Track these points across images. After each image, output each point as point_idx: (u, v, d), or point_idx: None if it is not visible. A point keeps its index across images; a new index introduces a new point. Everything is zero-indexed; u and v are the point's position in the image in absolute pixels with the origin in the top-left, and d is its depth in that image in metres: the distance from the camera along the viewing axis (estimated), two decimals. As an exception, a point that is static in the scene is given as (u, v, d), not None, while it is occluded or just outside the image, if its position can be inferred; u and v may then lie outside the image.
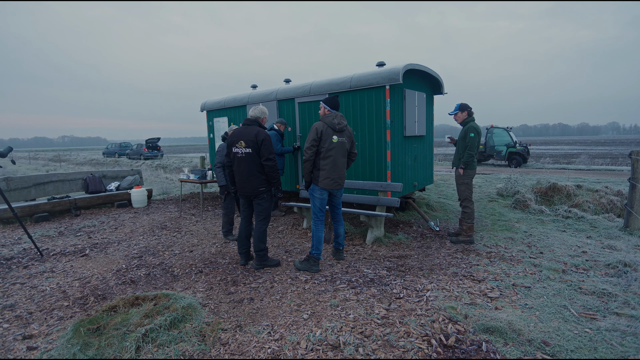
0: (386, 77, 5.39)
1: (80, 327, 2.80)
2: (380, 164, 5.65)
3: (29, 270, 4.31)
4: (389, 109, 5.45)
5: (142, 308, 3.06)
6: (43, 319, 3.14)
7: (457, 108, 4.97)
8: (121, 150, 33.75)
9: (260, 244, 4.06)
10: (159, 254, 4.76)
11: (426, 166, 6.94)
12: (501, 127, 16.85)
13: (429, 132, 6.94)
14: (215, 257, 4.56)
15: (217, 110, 8.46)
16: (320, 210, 4.08)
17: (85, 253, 4.88)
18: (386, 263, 4.19)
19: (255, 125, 4.07)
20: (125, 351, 2.52)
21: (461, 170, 4.84)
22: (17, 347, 2.73)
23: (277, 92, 7.03)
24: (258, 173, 3.97)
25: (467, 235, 4.85)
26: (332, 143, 3.92)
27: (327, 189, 4.00)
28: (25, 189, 7.29)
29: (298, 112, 6.70)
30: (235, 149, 4.03)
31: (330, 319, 2.95)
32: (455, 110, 4.99)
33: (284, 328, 2.86)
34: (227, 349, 2.62)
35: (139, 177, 9.02)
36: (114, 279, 3.97)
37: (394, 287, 3.51)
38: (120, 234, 5.83)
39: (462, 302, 3.18)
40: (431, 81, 6.86)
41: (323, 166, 3.94)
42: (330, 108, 4.03)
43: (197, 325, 2.87)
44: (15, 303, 3.46)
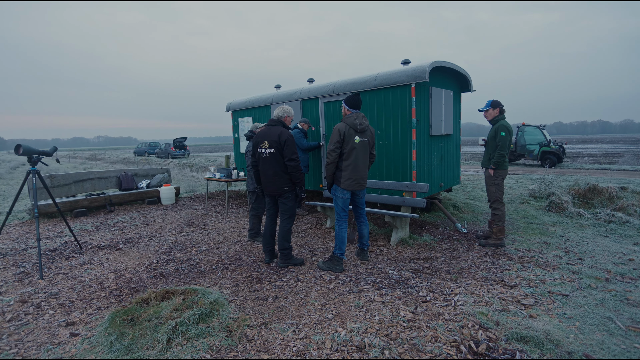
0: (412, 75, 5.31)
1: (116, 318, 2.93)
2: (405, 163, 5.57)
3: (70, 262, 4.56)
4: (414, 108, 5.37)
5: (172, 302, 3.16)
6: (83, 308, 3.32)
7: (489, 104, 4.81)
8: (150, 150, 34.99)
9: (285, 242, 4.11)
10: (186, 250, 4.91)
11: (453, 166, 6.78)
12: (533, 125, 16.17)
13: (456, 131, 6.77)
14: (240, 255, 4.65)
15: (242, 111, 8.61)
16: (343, 210, 4.07)
17: (119, 247, 5.10)
18: (411, 265, 4.14)
19: (279, 126, 4.11)
20: (157, 342, 2.61)
21: (491, 171, 4.69)
22: (61, 333, 2.90)
23: (301, 92, 7.07)
24: (282, 173, 4.01)
25: (497, 239, 4.69)
26: (354, 144, 3.90)
27: (349, 189, 3.99)
28: (66, 186, 7.70)
29: (323, 111, 6.71)
30: (260, 149, 4.09)
31: (355, 320, 2.95)
32: (486, 107, 4.84)
33: (308, 327, 2.88)
34: (253, 345, 2.66)
35: (167, 175, 9.32)
36: (145, 272, 4.13)
37: (420, 290, 3.45)
38: (150, 230, 6.05)
39: (493, 308, 3.08)
40: (458, 78, 6.69)
41: (345, 167, 3.93)
42: (350, 107, 4.01)
43: (224, 321, 2.94)
44: (59, 292, 3.67)
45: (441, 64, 5.60)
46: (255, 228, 5.18)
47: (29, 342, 2.79)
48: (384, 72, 5.74)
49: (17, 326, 3.02)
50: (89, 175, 8.21)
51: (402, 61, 5.78)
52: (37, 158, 4.52)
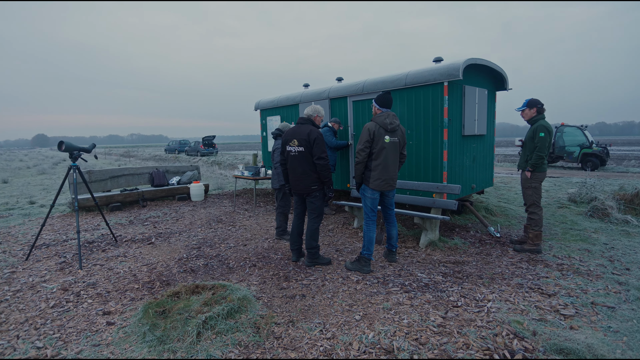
0: (444, 73, 5.16)
1: (148, 309, 3.02)
2: (436, 164, 5.43)
3: (106, 254, 4.76)
4: (446, 107, 5.22)
5: (202, 296, 3.22)
6: (118, 298, 3.45)
7: (525, 104, 4.60)
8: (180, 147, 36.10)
9: (312, 241, 4.10)
10: (215, 246, 5.00)
11: (486, 167, 6.55)
12: (573, 126, 15.34)
13: (489, 131, 6.53)
14: (267, 252, 4.69)
15: (270, 109, 8.69)
16: (371, 211, 4.01)
17: (152, 241, 5.27)
18: (441, 268, 4.02)
19: (308, 124, 4.11)
20: (187, 335, 2.67)
21: (528, 173, 4.49)
22: (98, 321, 3.03)
23: (330, 90, 7.05)
24: (311, 171, 4.01)
25: (533, 244, 4.47)
26: (384, 143, 3.83)
27: (378, 189, 3.93)
28: (102, 181, 8.06)
29: (352, 110, 6.66)
30: (289, 147, 4.10)
31: (383, 322, 2.89)
32: (522, 107, 4.63)
33: (335, 327, 2.86)
34: (280, 343, 2.67)
35: (197, 172, 9.56)
36: (176, 266, 4.24)
37: (451, 295, 3.35)
38: (180, 225, 6.22)
39: (530, 317, 2.93)
40: (494, 76, 6.44)
41: (374, 167, 3.87)
42: (380, 106, 3.94)
43: (252, 317, 2.97)
44: (96, 282, 3.84)
45: (476, 61, 5.41)
46: (282, 226, 5.21)
47: (70, 328, 2.92)
48: (415, 71, 5.61)
49: (60, 312, 3.18)
50: (124, 171, 8.55)
51: (434, 59, 5.63)
52: (78, 154, 4.74)
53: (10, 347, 2.68)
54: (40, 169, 18.84)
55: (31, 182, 13.56)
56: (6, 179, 13.87)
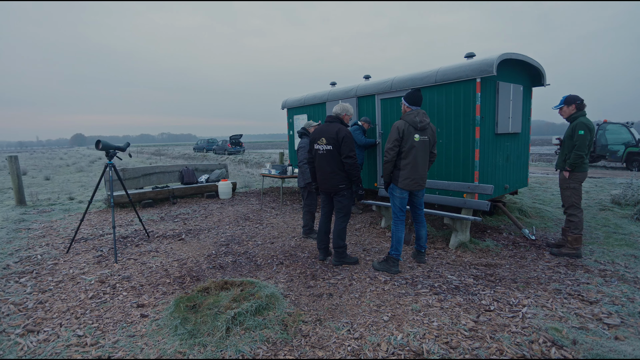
0: (477, 69, 4.99)
1: (180, 303, 3.10)
2: (467, 163, 5.27)
3: (139, 249, 4.93)
4: (479, 104, 5.05)
5: (231, 292, 3.27)
6: (151, 292, 3.56)
7: (563, 101, 4.37)
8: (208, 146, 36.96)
9: (340, 240, 4.08)
10: (243, 243, 5.08)
11: (520, 167, 6.29)
12: (617, 123, 14.42)
13: (524, 129, 6.26)
14: (294, 251, 4.71)
15: (297, 108, 8.72)
16: (400, 210, 3.94)
17: (182, 237, 5.42)
18: (472, 271, 3.89)
19: (337, 123, 4.09)
20: (217, 330, 2.72)
21: (566, 173, 4.27)
22: (133, 313, 3.14)
23: (357, 88, 6.99)
24: (339, 170, 3.99)
25: (572, 248, 4.25)
26: (414, 142, 3.75)
27: (407, 189, 3.85)
28: (135, 179, 8.37)
29: (380, 108, 6.57)
30: (316, 145, 4.10)
31: (412, 324, 2.84)
32: (560, 104, 4.40)
33: (363, 327, 2.83)
34: (308, 341, 2.67)
35: (225, 171, 9.75)
36: (205, 263, 4.33)
37: (483, 298, 3.23)
38: (209, 222, 6.36)
39: (569, 324, 2.78)
40: (530, 71, 6.16)
41: (403, 166, 3.80)
42: (410, 104, 3.86)
43: (280, 315, 2.98)
44: (130, 275, 3.98)
45: (511, 56, 5.20)
46: (309, 225, 5.21)
47: (107, 318, 3.04)
48: (445, 67, 5.47)
49: (97, 303, 3.32)
50: (155, 169, 8.84)
51: (466, 55, 5.46)
52: (113, 153, 4.94)
53: (55, 334, 2.82)
54: (78, 166, 19.84)
55: (70, 179, 14.29)
56: (48, 176, 14.70)
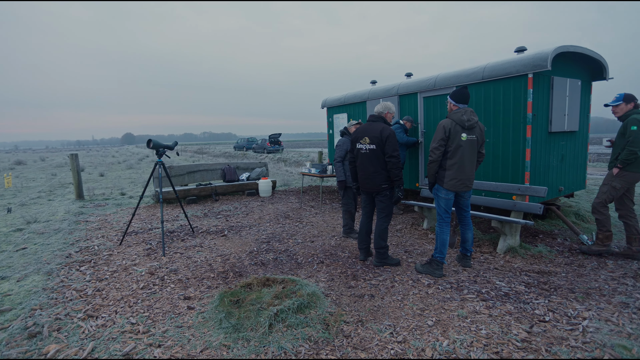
0: (529, 64, 4.70)
1: (224, 298, 3.19)
2: (517, 163, 4.98)
3: (185, 243, 5.14)
4: (530, 101, 4.75)
5: (272, 289, 3.32)
6: (197, 285, 3.69)
7: (620, 98, 4.06)
8: (248, 145, 37.94)
9: (381, 241, 4.00)
10: (284, 241, 5.14)
11: (577, 168, 5.84)
12: None
13: (582, 127, 5.81)
14: (335, 250, 4.69)
15: (337, 107, 8.70)
16: (445, 212, 3.80)
17: (224, 234, 5.58)
18: (523, 277, 3.67)
19: (380, 122, 4.04)
20: (260, 326, 2.76)
21: (615, 170, 4.05)
22: (180, 305, 3.27)
23: (399, 87, 6.84)
24: (381, 170, 3.92)
25: (602, 245, 4.16)
26: (461, 141, 3.60)
27: (453, 190, 3.71)
28: (180, 176, 8.76)
29: (422, 107, 6.39)
30: (359, 145, 4.05)
31: (458, 331, 2.72)
32: (617, 101, 4.08)
33: (406, 331, 2.75)
34: (350, 342, 2.64)
35: (265, 169, 9.94)
36: (247, 259, 4.43)
37: (536, 307, 3.03)
38: (250, 220, 6.50)
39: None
40: (589, 65, 5.70)
41: (449, 166, 3.66)
42: (457, 102, 3.71)
43: (321, 314, 2.97)
44: (177, 268, 4.16)
45: (567, 49, 4.84)
46: (349, 224, 5.17)
47: (156, 309, 3.19)
48: (494, 63, 5.20)
49: (148, 294, 3.50)
50: (199, 167, 9.19)
51: (517, 49, 5.16)
52: (162, 151, 5.18)
53: (111, 320, 3.01)
54: (129, 164, 21.13)
55: (121, 175, 15.25)
56: (102, 173, 15.79)
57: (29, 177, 15.43)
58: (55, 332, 2.83)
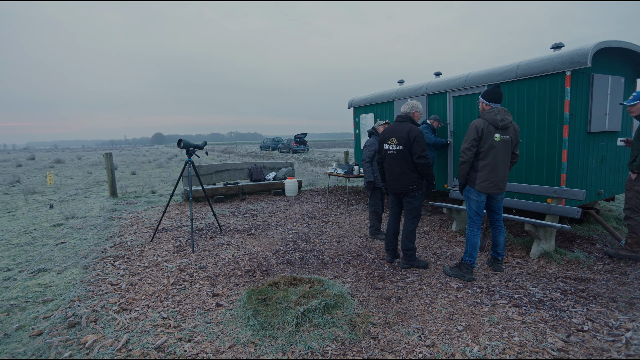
0: (567, 61, 4.49)
1: (252, 296, 3.23)
2: (552, 165, 4.77)
3: (213, 241, 5.25)
4: (568, 100, 4.54)
5: (299, 288, 3.33)
6: (225, 282, 3.76)
7: (637, 97, 3.87)
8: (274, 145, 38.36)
9: (409, 243, 3.94)
10: (310, 241, 5.15)
11: (618, 170, 5.52)
12: None
13: (625, 127, 5.48)
14: (361, 251, 4.66)
15: (364, 107, 8.64)
16: (476, 214, 3.69)
17: (251, 232, 5.66)
18: (559, 284, 3.51)
19: (407, 122, 3.98)
20: (287, 324, 2.78)
21: (634, 175, 3.89)
22: (209, 301, 3.34)
23: (427, 86, 6.72)
24: (409, 171, 3.87)
25: (631, 250, 3.98)
26: (494, 142, 3.49)
27: (485, 192, 3.59)
28: (208, 175, 8.96)
29: (452, 107, 6.24)
30: (386, 145, 4.01)
31: (489, 337, 2.63)
32: (633, 101, 3.88)
33: (435, 335, 2.69)
34: (377, 344, 2.61)
35: (291, 169, 10.01)
36: (274, 258, 4.47)
37: (574, 316, 2.89)
38: (277, 219, 6.57)
39: (690, 355, 2.38)
40: (634, 60, 5.38)
41: (481, 167, 3.55)
42: (489, 102, 3.59)
43: (348, 314, 2.96)
44: (206, 266, 4.25)
45: (609, 44, 4.58)
46: (376, 225, 5.13)
47: (186, 304, 3.28)
48: (528, 60, 5.00)
49: (178, 290, 3.60)
50: (226, 166, 9.37)
51: (553, 45, 4.94)
52: (192, 151, 5.32)
53: (143, 313, 3.11)
54: (159, 163, 21.86)
55: (152, 174, 15.79)
56: (134, 171, 16.41)
57: (67, 175, 16.27)
58: (93, 323, 2.96)
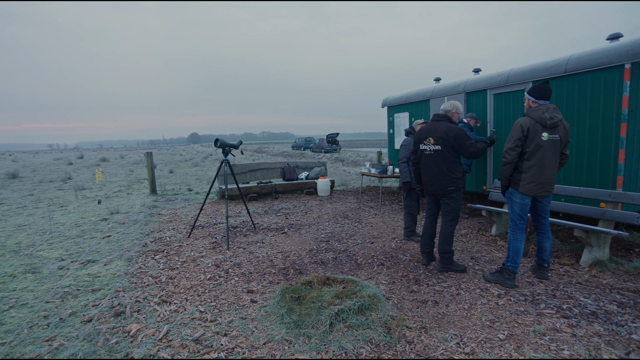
0: (626, 52, 4.14)
1: (285, 294, 3.24)
2: (607, 166, 4.43)
3: (247, 239, 5.34)
4: (626, 95, 4.19)
5: (333, 288, 3.30)
6: (259, 280, 3.80)
7: None
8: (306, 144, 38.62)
9: (447, 245, 3.80)
10: (343, 241, 5.11)
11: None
12: None
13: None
14: (395, 252, 4.56)
15: (398, 106, 8.48)
16: (520, 218, 3.49)
17: (284, 231, 5.70)
18: (615, 296, 3.24)
19: (445, 121, 3.85)
20: (320, 324, 2.75)
21: None
22: (244, 297, 3.39)
23: (466, 83, 6.47)
24: (447, 171, 3.73)
25: None
26: (541, 141, 3.28)
27: (530, 194, 3.39)
28: (242, 174, 9.15)
29: (492, 105, 5.98)
30: (423, 145, 3.89)
31: (535, 348, 2.47)
32: None
33: (475, 342, 2.57)
34: (413, 348, 2.53)
35: (324, 169, 10.01)
36: (307, 257, 4.47)
37: (634, 332, 2.65)
38: (309, 218, 6.58)
39: None
40: None
41: (527, 168, 3.35)
42: (536, 99, 3.38)
43: (383, 317, 2.89)
44: (240, 262, 4.33)
45: (674, 35, 4.20)
46: (411, 227, 4.99)
47: (222, 299, 3.34)
48: (580, 53, 4.68)
49: (214, 285, 3.68)
50: (260, 165, 9.52)
51: (610, 36, 4.59)
52: (228, 150, 5.43)
53: (182, 307, 3.21)
54: (194, 161, 22.65)
55: (188, 172, 16.36)
56: (172, 170, 17.09)
57: (111, 172, 17.23)
58: (136, 313, 3.09)
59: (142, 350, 2.54)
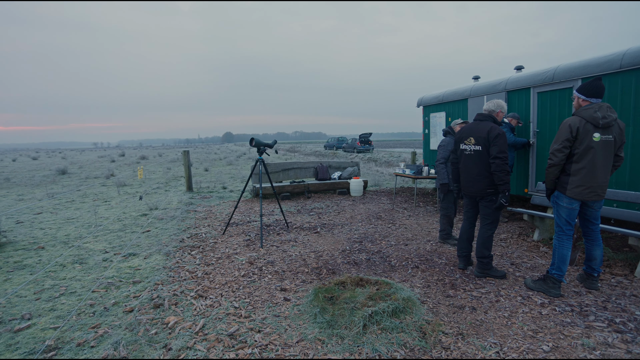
0: (690, 47, 3.80)
1: (318, 293, 3.24)
2: (666, 170, 4.08)
3: (280, 237, 5.40)
4: (690, 94, 3.84)
5: (366, 290, 3.26)
6: (292, 278, 3.83)
7: None
8: (338, 144, 38.57)
9: (485, 250, 3.65)
10: (376, 242, 5.04)
11: None
12: None
13: None
14: (430, 255, 4.44)
15: (434, 106, 8.26)
16: (567, 223, 3.28)
17: (317, 231, 5.71)
18: (676, 310, 2.97)
19: (488, 121, 3.70)
20: (354, 325, 2.73)
21: None
22: (277, 295, 3.42)
23: (507, 82, 6.19)
24: (488, 173, 3.58)
25: None
26: (592, 142, 3.06)
27: (578, 199, 3.18)
28: (275, 173, 9.28)
29: (536, 104, 5.68)
30: (463, 145, 3.76)
31: (584, 363, 2.31)
32: None
33: (516, 353, 2.44)
34: (449, 355, 2.44)
35: (357, 169, 9.94)
36: (340, 257, 4.45)
37: (699, 350, 2.42)
38: (342, 218, 6.55)
39: None
40: None
41: (575, 171, 3.14)
42: (587, 97, 3.15)
43: (417, 321, 2.82)
44: (274, 260, 4.38)
45: None
46: (447, 230, 4.85)
47: (256, 296, 3.40)
48: (637, 47, 4.34)
49: (248, 282, 3.75)
50: (293, 165, 9.61)
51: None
52: (263, 149, 5.52)
53: (217, 302, 3.30)
54: (228, 160, 23.25)
55: (222, 171, 16.83)
56: (207, 168, 17.65)
57: (150, 170, 18.06)
58: (174, 306, 3.20)
59: (180, 342, 2.63)
